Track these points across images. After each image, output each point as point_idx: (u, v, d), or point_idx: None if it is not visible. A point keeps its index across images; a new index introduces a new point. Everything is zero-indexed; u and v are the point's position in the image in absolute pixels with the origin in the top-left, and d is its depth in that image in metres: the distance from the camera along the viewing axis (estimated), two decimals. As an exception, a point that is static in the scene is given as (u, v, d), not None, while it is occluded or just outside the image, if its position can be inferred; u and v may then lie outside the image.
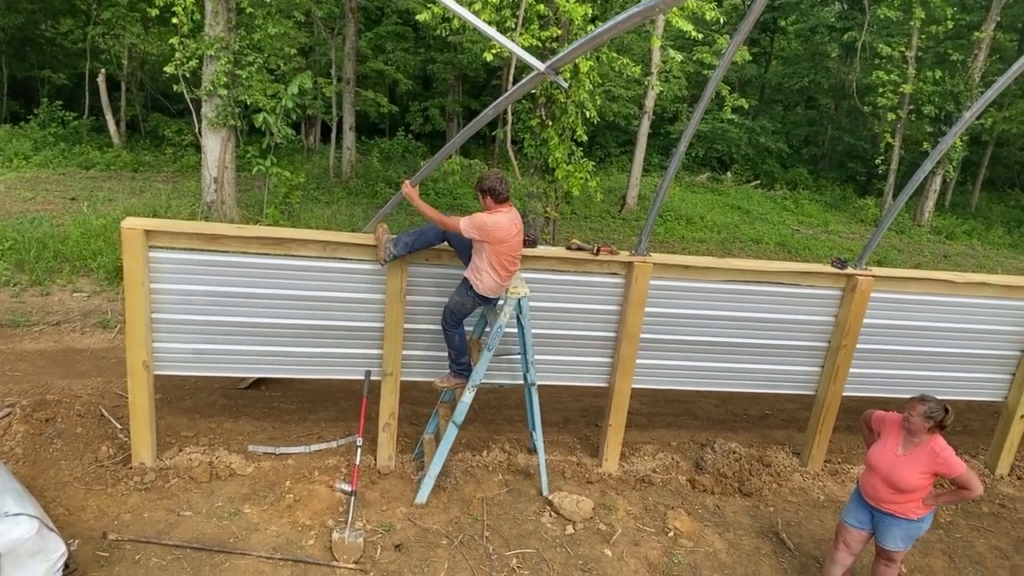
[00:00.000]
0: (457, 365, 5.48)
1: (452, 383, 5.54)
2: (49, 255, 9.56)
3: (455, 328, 5.35)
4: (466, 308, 5.29)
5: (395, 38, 22.44)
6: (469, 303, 5.24)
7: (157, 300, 5.22)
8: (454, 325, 5.34)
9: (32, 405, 5.97)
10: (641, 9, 3.39)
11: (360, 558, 4.85)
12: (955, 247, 18.31)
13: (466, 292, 5.19)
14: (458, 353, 5.44)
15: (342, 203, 15.12)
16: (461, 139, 5.25)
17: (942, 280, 6.21)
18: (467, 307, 5.28)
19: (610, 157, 25.81)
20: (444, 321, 5.33)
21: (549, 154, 9.49)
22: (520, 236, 5.11)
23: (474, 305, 5.28)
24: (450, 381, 5.54)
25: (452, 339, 5.38)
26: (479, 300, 5.21)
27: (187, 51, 10.98)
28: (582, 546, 5.24)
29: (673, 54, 11.19)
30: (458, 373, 5.50)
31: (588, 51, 5.53)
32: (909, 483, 4.37)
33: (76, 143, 18.55)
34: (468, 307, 5.28)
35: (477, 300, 5.21)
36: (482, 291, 5.09)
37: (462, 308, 5.28)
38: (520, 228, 5.10)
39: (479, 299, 5.19)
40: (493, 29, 4.13)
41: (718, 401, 7.78)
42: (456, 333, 5.36)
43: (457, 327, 5.36)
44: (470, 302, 5.23)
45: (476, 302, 5.24)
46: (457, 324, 5.35)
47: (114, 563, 4.59)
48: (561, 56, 3.98)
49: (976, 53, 19.12)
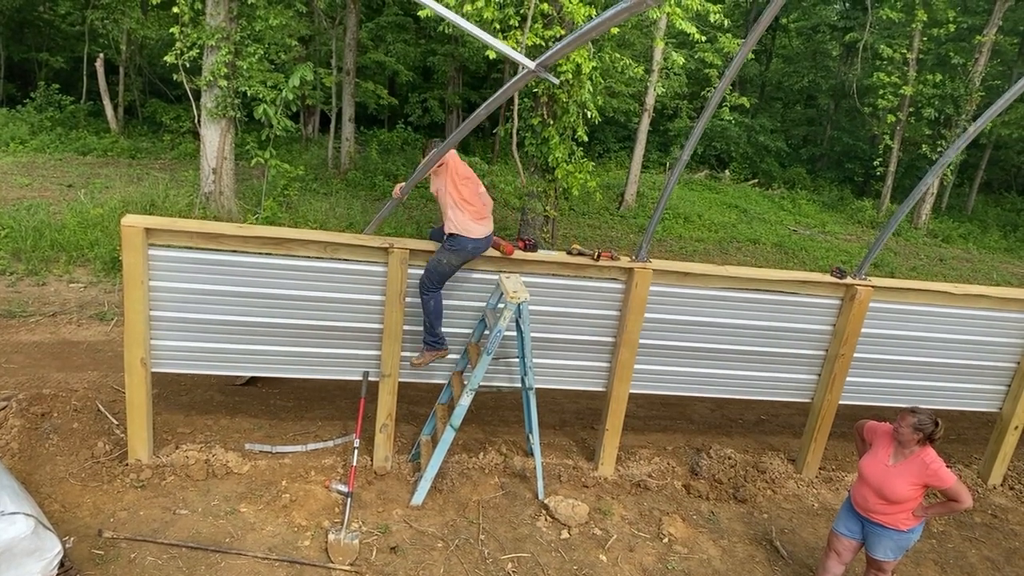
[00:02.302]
0: (432, 336, 5.45)
1: (428, 358, 5.50)
2: (46, 244, 9.51)
3: (434, 291, 5.31)
4: (442, 264, 5.25)
5: (396, 29, 22.33)
6: (447, 257, 5.23)
7: (156, 298, 5.20)
8: (433, 288, 5.30)
9: (28, 399, 5.96)
10: (628, 5, 3.35)
11: (356, 560, 4.86)
12: (951, 251, 18.37)
13: (442, 248, 5.27)
14: (434, 320, 5.39)
15: (340, 195, 15.08)
16: (456, 139, 5.21)
17: (940, 291, 6.23)
18: (443, 263, 5.25)
19: (609, 152, 25.77)
20: (422, 286, 5.30)
21: (550, 153, 9.47)
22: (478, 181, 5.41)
23: (453, 260, 5.25)
24: (425, 357, 5.50)
25: (429, 304, 5.33)
26: (456, 247, 5.21)
27: (187, 40, 10.90)
28: (577, 551, 5.26)
29: (675, 55, 11.16)
30: (431, 345, 5.47)
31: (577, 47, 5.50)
32: (899, 494, 4.40)
33: (73, 128, 18.44)
34: (443, 262, 5.25)
35: (456, 250, 5.21)
36: (458, 231, 5.17)
37: (439, 265, 5.24)
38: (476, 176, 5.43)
39: (456, 246, 5.20)
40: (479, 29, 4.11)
41: (714, 405, 7.80)
42: (433, 297, 5.33)
43: (435, 290, 5.32)
44: (448, 256, 5.23)
45: (456, 254, 5.23)
46: (436, 287, 5.31)
47: (109, 561, 4.58)
48: (550, 53, 3.95)
49: (977, 57, 19.13)
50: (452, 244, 5.24)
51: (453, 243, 5.24)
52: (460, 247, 5.24)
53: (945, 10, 18.55)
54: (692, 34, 9.79)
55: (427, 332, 5.47)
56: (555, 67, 8.50)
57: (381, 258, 5.39)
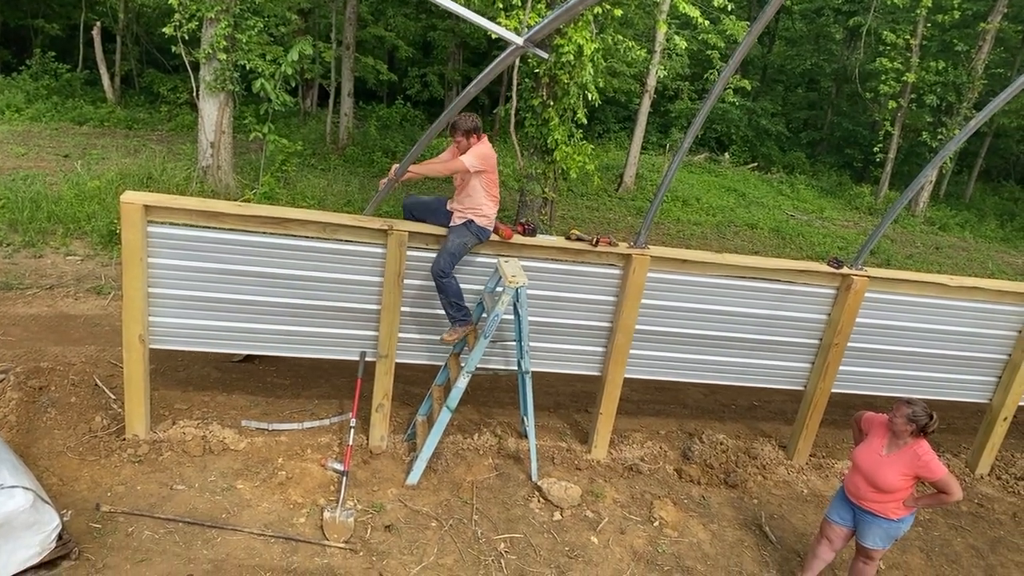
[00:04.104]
0: (459, 312, 5.50)
1: (460, 333, 5.54)
2: (43, 216, 9.48)
3: (451, 273, 5.41)
4: (467, 248, 5.42)
5: (396, 2, 22.09)
6: (472, 241, 5.41)
7: (155, 275, 5.21)
8: (451, 269, 5.40)
9: (26, 372, 5.99)
10: None
11: (350, 538, 4.93)
12: (948, 239, 18.41)
13: (467, 231, 5.38)
14: (457, 299, 5.47)
15: (338, 171, 15.02)
16: (447, 116, 5.21)
17: (936, 283, 6.27)
18: (468, 246, 5.42)
19: (609, 133, 25.63)
20: (440, 270, 5.35)
21: (549, 134, 9.44)
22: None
23: (471, 244, 5.43)
24: (457, 332, 5.54)
25: (449, 285, 5.41)
26: (481, 235, 5.42)
27: (187, 12, 10.79)
28: (569, 532, 5.34)
29: (678, 40, 11.08)
30: (461, 321, 5.53)
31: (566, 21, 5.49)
32: (890, 483, 4.47)
33: (69, 97, 18.26)
34: (468, 246, 5.43)
35: (479, 236, 5.41)
36: (486, 224, 5.41)
37: (463, 248, 5.40)
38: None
39: (481, 233, 5.41)
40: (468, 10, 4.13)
41: (707, 390, 7.86)
42: (451, 279, 5.42)
43: (451, 273, 5.42)
44: (472, 240, 5.41)
45: (478, 238, 5.42)
46: (452, 269, 5.41)
47: (107, 535, 4.64)
48: (538, 27, 3.96)
49: (981, 44, 19.03)
50: (476, 230, 5.40)
51: (478, 230, 5.41)
52: (482, 232, 5.43)
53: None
54: (695, 18, 9.72)
55: (454, 310, 5.51)
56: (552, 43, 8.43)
57: (380, 239, 5.40)
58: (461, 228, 5.40)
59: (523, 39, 4.02)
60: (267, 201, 11.15)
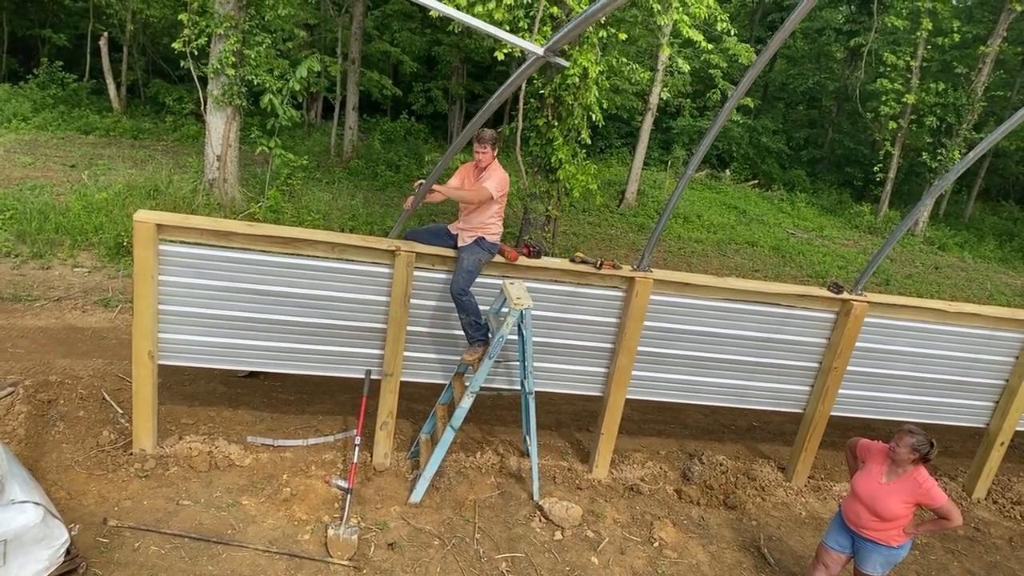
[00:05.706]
0: (478, 332, 5.60)
1: (479, 353, 5.62)
2: (50, 227, 9.56)
3: (469, 293, 5.54)
4: (481, 264, 5.59)
5: (402, 17, 22.28)
6: (485, 257, 5.59)
7: (165, 292, 5.29)
8: (468, 289, 5.53)
9: (35, 385, 6.05)
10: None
11: (354, 555, 4.98)
12: (947, 258, 18.51)
13: (479, 248, 5.55)
14: (476, 317, 5.58)
15: (343, 184, 15.12)
16: (469, 133, 5.27)
17: (934, 309, 6.35)
18: (482, 262, 5.59)
19: (611, 148, 25.81)
20: (460, 289, 5.48)
21: (553, 154, 9.55)
22: None
23: (487, 259, 5.63)
24: (476, 352, 5.63)
25: (469, 304, 5.53)
26: (492, 250, 5.63)
27: (196, 28, 10.92)
28: (570, 552, 5.39)
29: (681, 62, 11.21)
30: (480, 340, 5.62)
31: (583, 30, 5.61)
32: (892, 511, 4.52)
33: (76, 106, 18.42)
34: (483, 262, 5.60)
35: (491, 251, 5.63)
36: (496, 239, 5.63)
37: (479, 265, 5.56)
38: None
39: (492, 248, 5.63)
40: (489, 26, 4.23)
41: (707, 411, 7.93)
42: (471, 297, 5.55)
43: (470, 291, 5.56)
44: (486, 256, 5.59)
45: (490, 253, 5.63)
46: (470, 286, 5.55)
47: (114, 549, 4.69)
48: (559, 36, 4.07)
49: (980, 67, 19.21)
50: (488, 246, 5.59)
51: (489, 245, 5.60)
52: (492, 248, 5.61)
53: (950, 19, 18.60)
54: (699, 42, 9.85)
55: (473, 329, 5.61)
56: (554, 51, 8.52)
57: (388, 260, 5.48)
58: (473, 246, 5.53)
59: (543, 49, 4.16)
60: (273, 214, 11.26)
